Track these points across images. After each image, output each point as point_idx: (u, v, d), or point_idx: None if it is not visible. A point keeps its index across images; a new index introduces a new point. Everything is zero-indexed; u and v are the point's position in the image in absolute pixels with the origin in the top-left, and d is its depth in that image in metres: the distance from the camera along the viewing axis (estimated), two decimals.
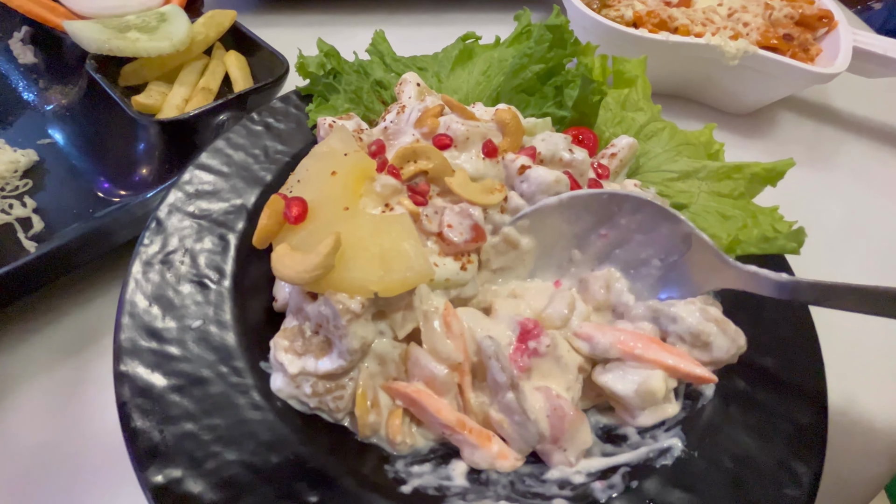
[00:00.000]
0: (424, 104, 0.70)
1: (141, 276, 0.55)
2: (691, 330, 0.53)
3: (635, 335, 0.55)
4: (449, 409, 0.51)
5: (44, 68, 0.96)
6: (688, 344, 0.54)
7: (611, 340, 0.54)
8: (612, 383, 0.53)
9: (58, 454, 0.59)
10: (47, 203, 0.78)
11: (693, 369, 0.52)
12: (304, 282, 0.45)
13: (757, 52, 0.96)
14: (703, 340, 0.53)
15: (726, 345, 0.53)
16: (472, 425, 0.50)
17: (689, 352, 0.54)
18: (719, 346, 0.53)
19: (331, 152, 0.57)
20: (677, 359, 0.53)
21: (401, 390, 0.51)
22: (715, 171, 0.73)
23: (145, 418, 0.46)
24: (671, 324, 0.55)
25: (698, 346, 0.54)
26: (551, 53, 0.78)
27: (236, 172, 0.69)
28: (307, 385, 0.50)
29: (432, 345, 0.51)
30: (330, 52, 0.80)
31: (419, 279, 0.47)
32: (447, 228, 0.55)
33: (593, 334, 0.55)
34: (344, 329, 0.47)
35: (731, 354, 0.53)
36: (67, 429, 0.60)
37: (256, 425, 0.48)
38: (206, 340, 0.52)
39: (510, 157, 0.62)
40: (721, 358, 0.53)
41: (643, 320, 0.57)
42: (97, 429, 0.60)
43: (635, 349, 0.53)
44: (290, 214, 0.50)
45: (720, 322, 0.54)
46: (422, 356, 0.51)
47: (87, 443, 0.59)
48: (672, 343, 0.55)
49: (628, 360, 0.53)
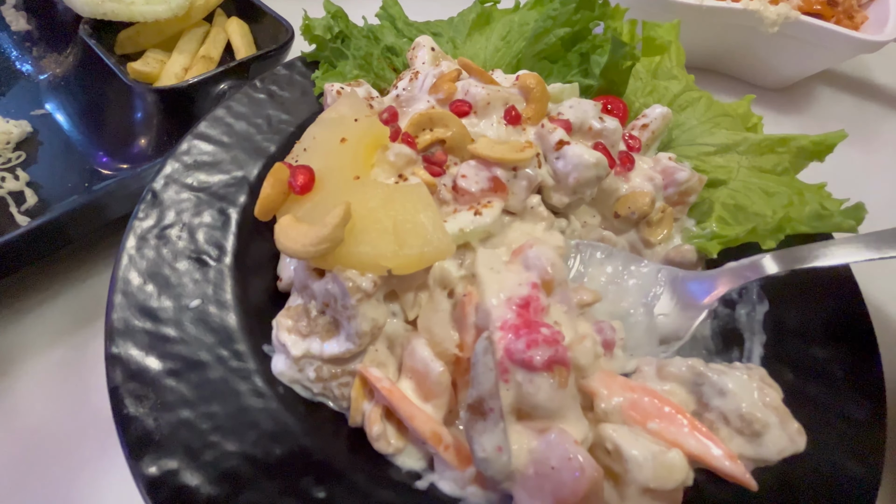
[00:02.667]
0: (440, 69, 0.65)
1: (135, 252, 0.51)
2: (742, 412, 0.41)
3: (657, 401, 0.42)
4: (425, 417, 0.42)
5: (37, 36, 0.91)
6: (732, 429, 0.41)
7: (621, 403, 0.41)
8: (623, 440, 0.39)
9: (52, 437, 0.56)
10: (41, 176, 0.74)
11: (729, 467, 0.39)
12: (309, 256, 0.40)
13: (799, 18, 0.88)
14: (755, 430, 0.41)
15: (782, 443, 0.41)
16: (448, 441, 0.42)
17: (730, 440, 0.41)
18: (773, 442, 0.40)
19: (340, 118, 0.52)
20: (706, 445, 0.39)
21: (373, 383, 0.43)
22: (757, 144, 0.66)
23: (138, 404, 0.42)
24: (716, 397, 0.42)
25: (746, 434, 0.41)
26: (577, 16, 0.72)
27: (237, 143, 0.64)
28: (311, 369, 0.46)
29: (428, 325, 0.45)
30: (338, 13, 0.74)
31: (437, 255, 0.42)
32: (461, 178, 0.49)
33: (598, 390, 0.43)
34: (353, 309, 0.42)
35: (781, 457, 0.41)
36: (62, 411, 0.57)
37: (258, 413, 0.44)
38: (204, 321, 0.48)
39: (549, 128, 0.55)
40: (769, 458, 0.41)
41: (677, 383, 0.44)
42: (92, 412, 0.57)
43: (648, 422, 0.40)
44: (296, 184, 0.45)
45: (780, 412, 0.42)
46: (419, 347, 0.44)
47: (82, 426, 0.56)
48: (710, 422, 0.42)
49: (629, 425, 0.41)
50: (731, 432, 0.42)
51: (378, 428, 0.43)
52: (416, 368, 0.44)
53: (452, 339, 0.45)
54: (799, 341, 0.50)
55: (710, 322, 0.59)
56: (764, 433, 0.41)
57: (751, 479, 0.39)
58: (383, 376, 0.43)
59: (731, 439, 0.42)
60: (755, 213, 0.61)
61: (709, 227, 0.63)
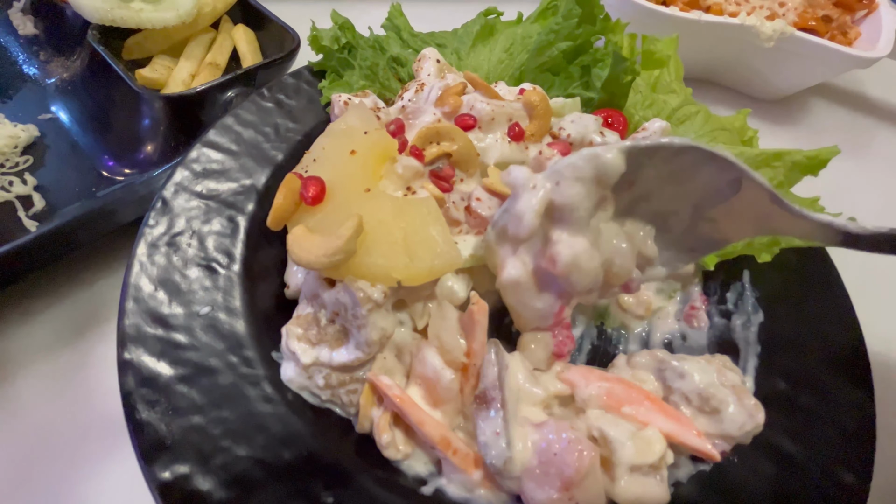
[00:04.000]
0: (445, 82, 0.66)
1: (146, 259, 0.52)
2: (700, 391, 0.46)
3: (628, 388, 0.46)
4: (434, 423, 0.44)
5: (45, 40, 0.91)
6: (693, 407, 0.46)
7: (596, 392, 0.46)
8: (605, 425, 0.43)
9: (57, 439, 0.56)
10: (48, 181, 0.74)
11: (693, 440, 0.44)
12: (323, 267, 0.42)
13: (795, 34, 0.90)
14: (713, 406, 0.45)
15: (741, 418, 0.45)
16: (457, 445, 0.44)
17: (694, 418, 0.46)
18: (732, 418, 0.45)
19: (349, 130, 0.53)
20: (676, 424, 0.44)
21: (383, 390, 0.45)
22: (753, 158, 0.68)
23: (151, 409, 0.43)
24: (677, 379, 0.47)
25: (706, 411, 0.46)
26: (580, 30, 0.73)
27: (246, 151, 0.65)
28: (320, 376, 0.47)
29: (437, 332, 0.46)
30: (345, 24, 0.75)
31: (446, 267, 0.44)
32: (475, 202, 0.51)
33: (577, 381, 0.47)
34: (363, 319, 0.44)
35: (744, 431, 0.45)
36: (67, 414, 0.58)
37: (267, 418, 0.45)
38: (214, 328, 0.49)
39: (547, 153, 0.56)
40: (732, 433, 0.45)
41: (645, 370, 0.49)
42: (98, 415, 0.58)
43: (622, 407, 0.45)
44: (307, 195, 0.46)
45: (738, 390, 0.46)
46: (429, 355, 0.46)
47: (87, 429, 0.57)
48: (675, 403, 0.47)
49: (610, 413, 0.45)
50: (693, 412, 0.46)
51: (387, 436, 0.44)
52: (426, 375, 0.45)
53: (461, 347, 0.46)
54: (793, 352, 0.52)
55: (706, 332, 0.60)
56: (723, 409, 0.45)
57: (714, 451, 0.43)
58: (393, 384, 0.45)
59: (694, 418, 0.46)
60: None
61: None
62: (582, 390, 0.47)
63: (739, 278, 0.61)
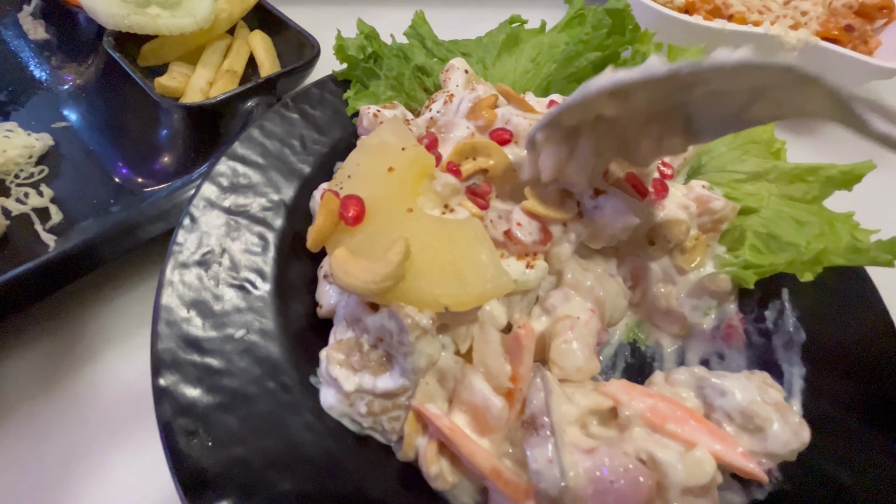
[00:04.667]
0: (476, 94, 0.65)
1: (177, 279, 0.50)
2: (742, 408, 0.45)
3: (672, 406, 0.45)
4: (484, 454, 0.43)
5: (56, 45, 0.89)
6: (736, 425, 0.45)
7: (640, 407, 0.45)
8: (654, 447, 0.42)
9: (81, 461, 0.55)
10: (65, 192, 0.72)
11: (740, 460, 0.42)
12: (371, 293, 0.40)
13: (819, 44, 0.90)
14: (757, 425, 0.44)
15: (785, 436, 0.44)
16: (507, 476, 0.42)
17: (738, 437, 0.45)
18: (776, 436, 0.44)
19: (384, 146, 0.52)
20: (721, 444, 0.43)
21: (432, 421, 0.44)
22: (787, 172, 0.67)
23: (190, 440, 0.42)
24: (718, 397, 0.46)
25: (749, 430, 0.45)
26: (609, 41, 0.72)
27: (272, 164, 0.63)
28: (362, 403, 0.45)
29: (483, 357, 0.46)
30: (371, 33, 0.73)
31: (497, 293, 0.42)
32: (516, 227, 0.50)
33: (619, 396, 0.46)
34: (410, 346, 0.42)
35: (789, 450, 0.44)
36: (90, 434, 0.56)
37: (310, 448, 0.43)
38: (250, 352, 0.48)
39: None
40: (777, 451, 0.44)
41: (684, 387, 0.48)
42: (122, 438, 0.56)
43: (667, 424, 0.44)
44: (348, 215, 0.45)
45: (780, 407, 0.46)
46: (477, 381, 0.45)
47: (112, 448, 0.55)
48: (717, 421, 0.46)
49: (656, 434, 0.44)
50: (736, 429, 0.45)
51: (436, 468, 0.43)
52: (473, 402, 0.44)
53: (506, 372, 0.45)
54: (839, 375, 0.51)
55: (744, 352, 0.59)
56: (766, 427, 0.44)
57: (761, 473, 0.42)
58: (441, 413, 0.43)
59: (738, 437, 0.45)
60: (788, 243, 0.62)
61: (742, 256, 0.63)
62: (626, 407, 0.46)
63: (778, 296, 0.60)
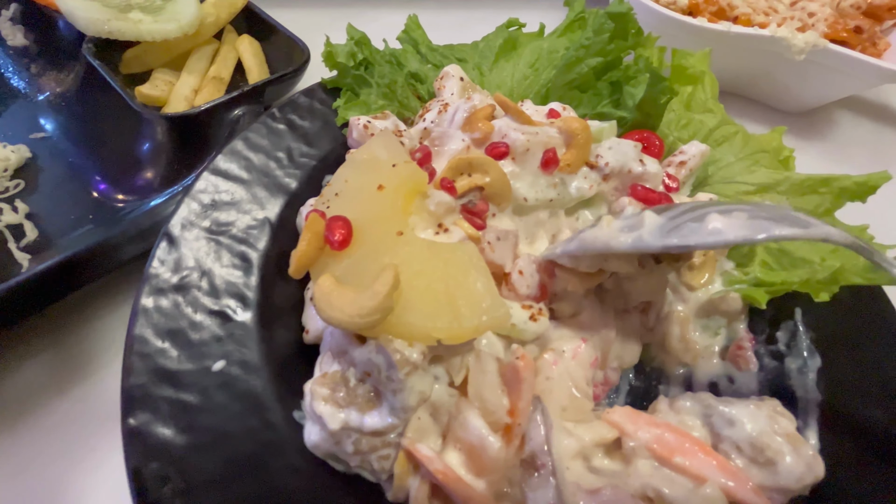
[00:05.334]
0: (472, 103, 0.61)
1: (152, 307, 0.47)
2: (752, 440, 0.42)
3: (680, 437, 0.42)
4: (480, 498, 0.39)
5: (36, 52, 0.86)
6: (745, 457, 0.43)
7: (646, 438, 0.42)
8: (661, 484, 0.39)
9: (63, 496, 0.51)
10: (41, 207, 0.69)
11: (753, 499, 0.39)
12: (357, 328, 0.37)
13: (827, 46, 0.86)
14: (768, 458, 0.42)
15: (798, 470, 0.41)
16: None
17: (747, 469, 0.42)
18: (788, 469, 0.41)
19: (373, 161, 0.49)
20: (732, 479, 0.40)
21: (424, 464, 0.40)
22: (798, 184, 0.64)
23: (162, 487, 0.38)
24: (726, 427, 0.43)
25: (759, 462, 0.42)
26: (611, 45, 0.69)
27: (257, 179, 0.60)
28: (349, 442, 0.42)
29: (479, 391, 0.42)
30: (361, 39, 0.70)
31: (495, 325, 0.39)
32: (517, 275, 0.47)
33: (625, 425, 0.43)
34: (400, 383, 0.39)
35: (802, 485, 0.41)
36: (69, 470, 0.53)
37: (294, 494, 0.40)
38: (230, 386, 0.45)
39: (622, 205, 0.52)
40: (789, 486, 0.41)
41: (690, 415, 0.46)
42: (102, 476, 0.53)
43: (674, 456, 0.41)
44: (333, 239, 0.42)
45: (792, 439, 0.43)
46: (473, 418, 0.41)
47: (94, 486, 0.52)
48: (725, 453, 0.43)
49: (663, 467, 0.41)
50: (746, 462, 0.43)
51: None
52: (469, 441, 0.41)
53: (504, 406, 0.42)
54: (857, 403, 0.48)
55: (756, 374, 0.56)
56: (778, 460, 0.42)
57: None
58: (434, 456, 0.40)
59: (747, 469, 0.42)
60: (801, 259, 0.59)
61: (752, 273, 0.60)
62: (631, 438, 0.43)
63: (791, 317, 0.57)
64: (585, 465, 0.43)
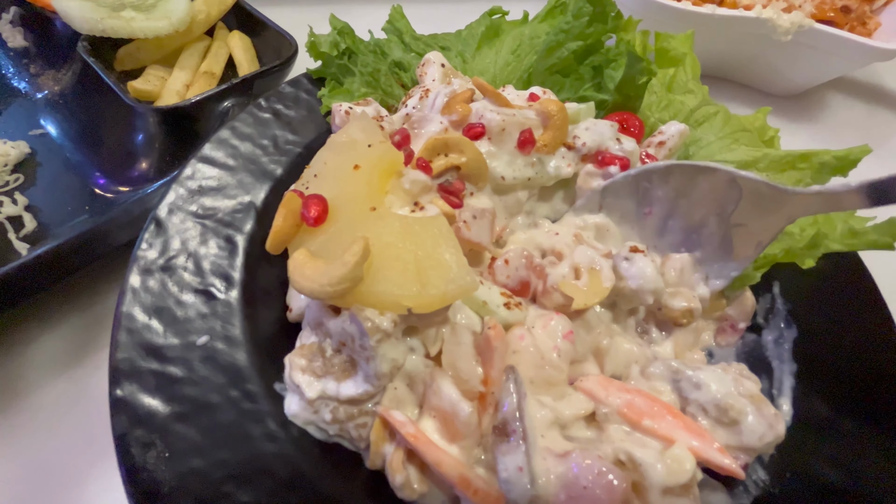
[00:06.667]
0: (452, 88, 0.63)
1: (139, 286, 0.49)
2: (717, 402, 0.43)
3: (650, 401, 0.44)
4: (452, 461, 0.41)
5: (35, 52, 0.89)
6: (711, 418, 0.44)
7: (618, 403, 0.44)
8: (632, 448, 0.41)
9: (54, 474, 0.54)
10: (40, 200, 0.71)
11: (717, 457, 0.41)
12: (327, 296, 0.38)
13: (813, 26, 0.86)
14: (732, 418, 0.43)
15: (760, 429, 0.42)
16: (477, 485, 0.40)
17: (712, 430, 0.44)
18: (751, 428, 0.42)
19: (351, 143, 0.50)
20: (699, 440, 0.41)
21: (396, 428, 0.42)
22: (778, 160, 0.64)
23: (146, 452, 0.40)
24: (693, 390, 0.45)
25: (724, 423, 0.44)
26: (591, 29, 0.70)
27: (243, 166, 0.62)
28: (326, 411, 0.44)
29: (453, 360, 0.44)
30: (344, 29, 0.72)
31: (461, 293, 0.40)
32: (502, 262, 0.48)
33: (596, 391, 0.45)
34: (372, 350, 0.40)
35: (765, 443, 0.43)
36: (65, 449, 0.55)
37: (272, 459, 0.42)
38: (213, 359, 0.46)
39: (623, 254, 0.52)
40: (752, 445, 0.43)
41: (660, 381, 0.47)
42: (98, 450, 0.55)
43: (643, 419, 0.43)
44: (309, 215, 0.43)
45: (756, 399, 0.44)
46: (445, 385, 0.43)
47: (88, 465, 0.54)
48: (692, 415, 0.45)
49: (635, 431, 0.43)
50: (711, 423, 0.44)
51: (401, 476, 0.41)
52: (442, 408, 0.42)
53: (477, 375, 0.43)
54: (832, 371, 0.48)
55: (735, 348, 0.57)
56: (741, 420, 0.43)
57: (738, 469, 0.41)
58: (407, 420, 0.41)
59: (713, 430, 0.44)
60: (785, 233, 0.59)
61: None
62: (603, 403, 0.45)
63: (769, 290, 0.57)
64: (561, 433, 0.44)
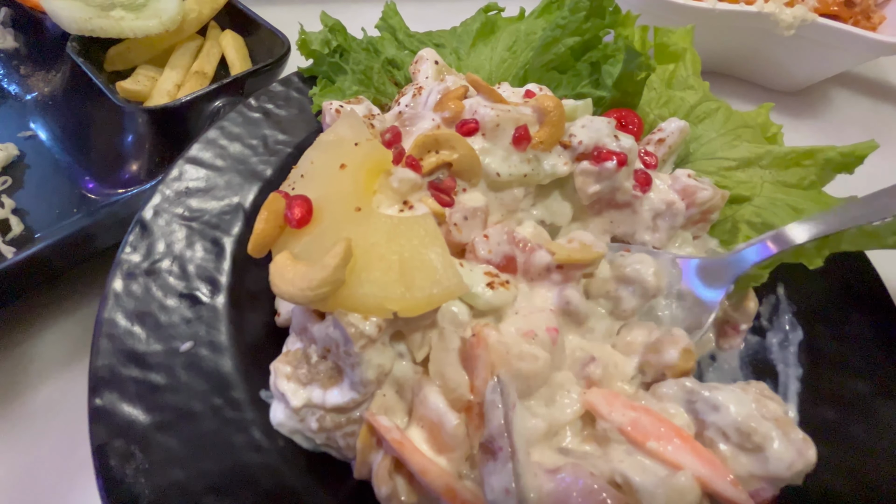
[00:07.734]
0: (445, 85, 0.61)
1: (122, 290, 0.48)
2: (738, 425, 0.39)
3: (657, 422, 0.40)
4: (438, 471, 0.38)
5: (25, 53, 0.88)
6: (732, 444, 0.39)
7: (621, 420, 0.40)
8: (630, 470, 0.37)
9: (38, 484, 0.52)
10: (28, 203, 0.70)
11: (729, 490, 0.36)
12: (308, 301, 0.37)
13: (816, 21, 0.84)
14: (756, 443, 0.39)
15: (789, 456, 0.38)
16: (464, 497, 0.38)
17: (735, 457, 0.39)
18: (778, 455, 0.38)
19: (339, 141, 0.49)
20: (709, 469, 0.37)
21: (381, 434, 0.40)
22: (781, 157, 0.63)
23: (125, 464, 0.39)
24: (711, 412, 0.40)
25: (747, 449, 0.39)
26: (588, 24, 0.68)
27: (232, 166, 0.61)
28: (313, 419, 0.42)
29: (440, 368, 0.42)
30: (335, 26, 0.70)
31: (447, 296, 0.39)
32: (482, 238, 0.46)
33: (600, 405, 0.42)
34: (357, 357, 0.39)
35: (794, 472, 0.38)
36: (48, 458, 0.54)
37: (256, 470, 0.40)
38: (196, 366, 0.45)
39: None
40: (780, 474, 0.38)
41: (673, 402, 0.43)
42: (79, 463, 0.53)
43: (648, 440, 0.39)
44: (292, 217, 0.42)
45: (782, 423, 0.40)
46: (432, 394, 0.41)
47: (72, 474, 0.53)
48: (711, 440, 0.40)
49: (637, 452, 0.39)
50: (732, 449, 0.40)
51: (387, 488, 0.39)
52: (429, 418, 0.40)
53: (465, 383, 0.41)
54: (839, 375, 0.46)
55: (738, 351, 0.55)
56: (766, 446, 0.39)
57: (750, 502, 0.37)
58: (392, 426, 0.40)
59: (735, 457, 0.40)
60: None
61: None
62: (605, 418, 0.42)
63: (773, 291, 0.56)
64: (554, 446, 0.42)
